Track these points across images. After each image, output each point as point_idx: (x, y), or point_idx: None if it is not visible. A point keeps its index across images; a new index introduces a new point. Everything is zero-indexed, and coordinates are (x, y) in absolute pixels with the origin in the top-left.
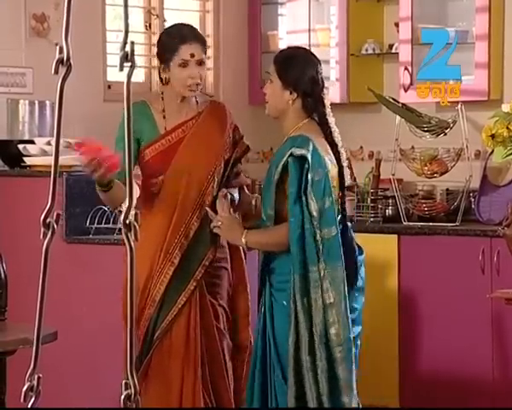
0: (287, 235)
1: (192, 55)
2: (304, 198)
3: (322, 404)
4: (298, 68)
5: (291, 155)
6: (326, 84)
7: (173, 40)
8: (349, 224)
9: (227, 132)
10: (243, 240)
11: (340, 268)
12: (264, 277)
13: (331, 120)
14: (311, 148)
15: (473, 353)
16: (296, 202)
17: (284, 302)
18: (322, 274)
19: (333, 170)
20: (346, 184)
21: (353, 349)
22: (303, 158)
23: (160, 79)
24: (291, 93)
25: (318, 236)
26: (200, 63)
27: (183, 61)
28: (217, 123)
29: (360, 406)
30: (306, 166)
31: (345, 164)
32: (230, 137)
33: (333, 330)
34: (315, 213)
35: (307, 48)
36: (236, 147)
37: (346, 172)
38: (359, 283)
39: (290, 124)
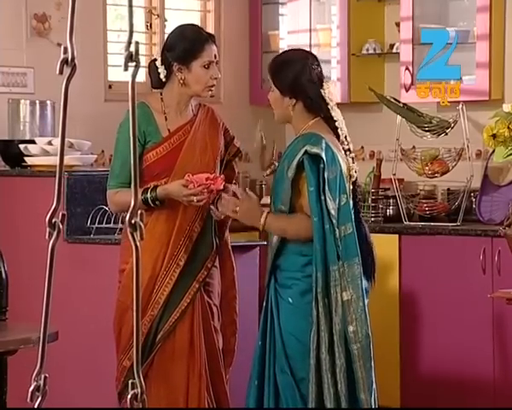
0: (305, 229)
1: (215, 57)
2: (323, 197)
3: (340, 403)
4: (290, 73)
5: (305, 152)
6: (325, 79)
7: (197, 42)
8: (362, 218)
9: (221, 135)
10: (262, 220)
11: (357, 265)
12: (270, 273)
13: (335, 113)
14: (323, 145)
15: (474, 352)
16: (317, 202)
17: (290, 299)
18: (341, 272)
19: (344, 167)
20: (354, 179)
21: (372, 345)
22: (318, 157)
23: (160, 79)
24: (290, 98)
25: (337, 234)
26: (217, 64)
27: (208, 62)
28: (211, 126)
29: (376, 401)
30: (322, 165)
31: (352, 155)
32: (223, 139)
33: (351, 328)
34: (333, 212)
35: (300, 48)
36: (228, 149)
37: (354, 164)
38: (364, 283)
39: (299, 126)
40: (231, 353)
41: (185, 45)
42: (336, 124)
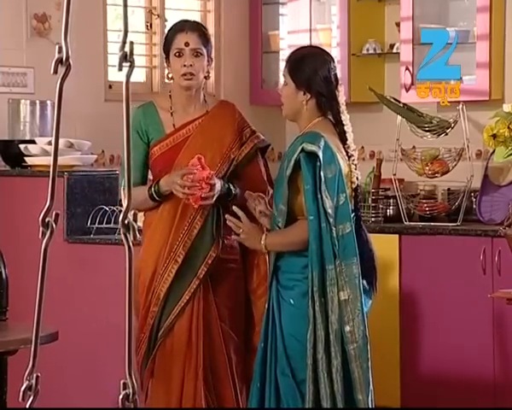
0: (304, 234)
1: (186, 44)
2: (319, 196)
3: (336, 403)
4: (310, 68)
5: (302, 150)
6: (340, 83)
7: (171, 32)
8: (363, 225)
9: (234, 132)
10: (262, 243)
11: (355, 265)
12: (272, 274)
13: (345, 117)
14: (322, 144)
15: (474, 353)
16: (314, 200)
17: (291, 300)
18: (338, 271)
19: (345, 168)
20: (355, 185)
21: (369, 346)
22: (314, 155)
23: (167, 76)
24: (304, 93)
25: (334, 233)
26: (197, 54)
27: (177, 50)
28: (223, 123)
29: (373, 402)
30: (318, 163)
31: (356, 162)
32: (237, 136)
33: (347, 328)
34: (330, 211)
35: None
36: (243, 146)
37: (357, 171)
38: (366, 285)
39: (305, 123)
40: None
41: (165, 39)
42: (345, 128)
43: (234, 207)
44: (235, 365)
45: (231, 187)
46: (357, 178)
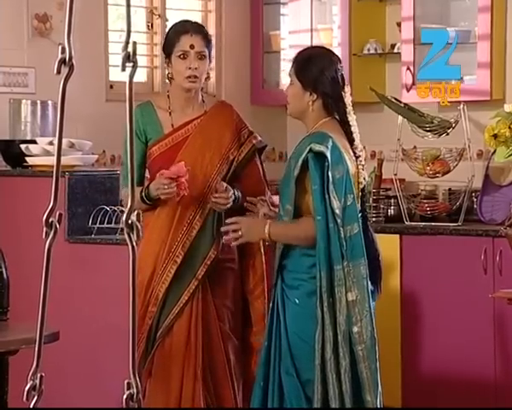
0: (310, 230)
1: (192, 47)
2: (327, 196)
3: (345, 404)
4: (316, 68)
5: (310, 150)
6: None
7: (175, 33)
8: (369, 225)
9: (232, 133)
10: (266, 230)
11: (363, 266)
12: (277, 273)
13: (352, 118)
14: (330, 144)
15: (475, 353)
16: (321, 201)
17: (296, 300)
18: (346, 272)
19: (353, 168)
20: (362, 185)
21: (377, 347)
22: (322, 155)
23: (167, 76)
24: (311, 94)
25: (342, 234)
26: (201, 57)
27: (182, 52)
28: (222, 123)
29: (381, 404)
30: (326, 163)
31: (363, 163)
32: (236, 137)
33: (355, 329)
34: (337, 211)
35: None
36: (242, 147)
37: (364, 172)
38: (370, 285)
39: (312, 123)
40: (260, 350)
41: (166, 38)
42: (352, 129)
43: (227, 220)
44: (234, 365)
45: (235, 191)
46: (364, 179)
